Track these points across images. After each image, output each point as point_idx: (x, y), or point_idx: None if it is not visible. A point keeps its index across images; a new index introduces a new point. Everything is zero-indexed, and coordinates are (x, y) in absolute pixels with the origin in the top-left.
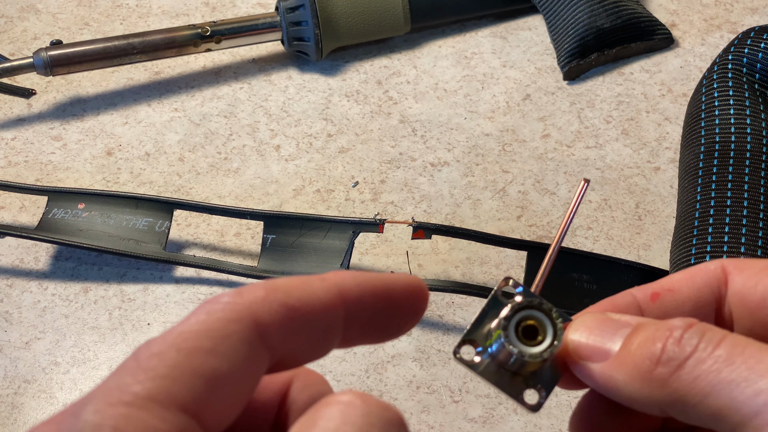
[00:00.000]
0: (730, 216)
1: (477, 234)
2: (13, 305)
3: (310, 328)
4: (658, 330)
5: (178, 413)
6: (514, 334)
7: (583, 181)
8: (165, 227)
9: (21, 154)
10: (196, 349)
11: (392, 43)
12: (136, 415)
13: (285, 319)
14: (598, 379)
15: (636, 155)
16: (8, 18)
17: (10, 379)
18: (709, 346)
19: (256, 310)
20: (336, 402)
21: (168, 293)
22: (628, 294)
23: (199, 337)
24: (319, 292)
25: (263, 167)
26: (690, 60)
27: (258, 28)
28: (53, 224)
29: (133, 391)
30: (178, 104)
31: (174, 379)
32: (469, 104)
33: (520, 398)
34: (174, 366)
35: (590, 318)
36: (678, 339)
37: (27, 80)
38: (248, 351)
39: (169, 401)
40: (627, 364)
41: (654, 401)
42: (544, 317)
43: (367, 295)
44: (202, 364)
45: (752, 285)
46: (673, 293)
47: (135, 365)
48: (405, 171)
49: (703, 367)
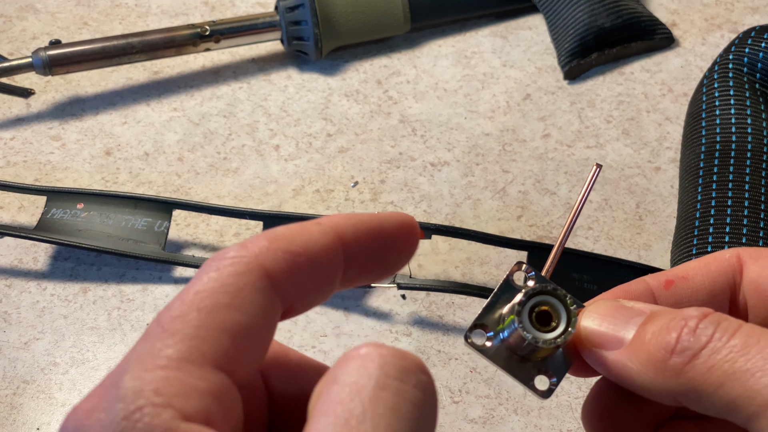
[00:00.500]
0: (731, 216)
1: (477, 234)
2: (11, 305)
3: (314, 271)
4: (672, 319)
5: (212, 370)
6: (528, 320)
7: (595, 166)
8: (164, 227)
9: (20, 154)
10: (216, 306)
11: (392, 42)
12: (175, 376)
13: (290, 265)
14: (611, 367)
15: (636, 155)
16: (7, 17)
17: (8, 380)
18: (725, 336)
19: (263, 260)
20: (354, 356)
21: (167, 293)
22: (642, 281)
23: (216, 293)
24: (318, 236)
25: (262, 167)
26: (691, 59)
27: (257, 27)
28: (52, 224)
29: (166, 354)
30: (177, 104)
31: (201, 338)
32: (469, 104)
33: (530, 384)
34: (198, 326)
35: (604, 305)
36: (693, 329)
37: (26, 80)
38: (263, 300)
39: (201, 360)
40: (641, 353)
41: (667, 391)
42: (558, 303)
43: (362, 233)
44: (224, 320)
45: (767, 275)
46: (688, 281)
47: (160, 330)
48: (405, 171)
49: (717, 357)
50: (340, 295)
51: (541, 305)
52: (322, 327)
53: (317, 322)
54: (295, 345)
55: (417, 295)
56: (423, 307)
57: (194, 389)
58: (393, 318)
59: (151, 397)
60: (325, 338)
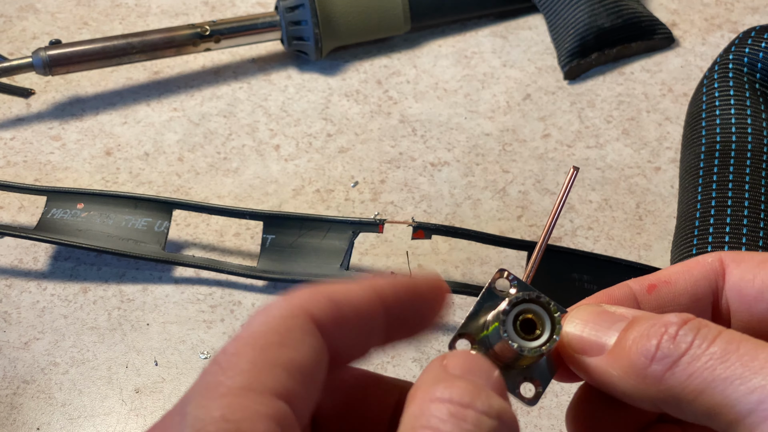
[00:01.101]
0: (731, 216)
1: (477, 234)
2: (12, 305)
3: (356, 320)
4: (653, 326)
5: (273, 398)
6: (512, 328)
7: (572, 169)
8: (164, 227)
9: (20, 154)
10: (268, 344)
11: (392, 42)
12: (239, 402)
13: (333, 311)
14: (593, 373)
15: (637, 155)
16: (7, 17)
17: (9, 380)
18: (704, 342)
19: (308, 305)
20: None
21: (167, 293)
22: (625, 285)
23: (267, 334)
24: (358, 290)
25: (263, 167)
26: (691, 59)
27: (257, 27)
28: (52, 224)
29: (228, 385)
30: (178, 104)
31: (258, 370)
32: (469, 104)
33: (516, 392)
34: (254, 361)
35: (586, 310)
36: (673, 336)
37: (26, 80)
38: (311, 340)
39: (261, 388)
40: (622, 359)
41: (648, 398)
42: (542, 311)
43: (399, 291)
44: (278, 356)
45: (750, 278)
46: (670, 285)
47: (218, 367)
48: (405, 171)
49: (697, 364)
50: None
51: (525, 313)
52: None
53: None
54: None
55: None
56: None
57: (258, 414)
58: None
59: (219, 423)
60: None
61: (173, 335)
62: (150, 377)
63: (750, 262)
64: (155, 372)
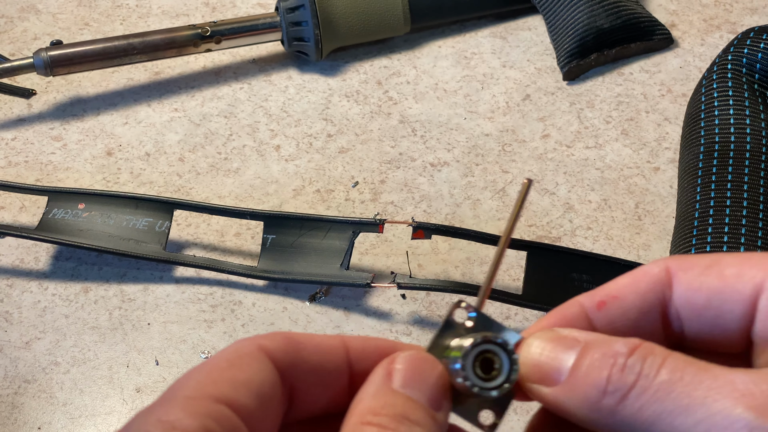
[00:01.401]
0: (730, 216)
1: (477, 234)
2: (13, 305)
3: (316, 361)
4: (603, 356)
5: (211, 401)
6: (471, 368)
7: (525, 181)
8: (165, 227)
9: (21, 154)
10: (217, 368)
11: (392, 43)
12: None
13: (289, 348)
14: (550, 403)
15: (636, 155)
16: (8, 18)
17: (10, 379)
18: (651, 371)
19: (262, 341)
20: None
21: (168, 293)
22: (576, 303)
23: (218, 360)
24: (323, 337)
25: (263, 167)
26: (689, 60)
27: (258, 28)
28: (53, 224)
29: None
30: (178, 104)
31: (203, 385)
32: (468, 104)
33: (475, 420)
34: (200, 379)
35: (540, 338)
36: (621, 367)
37: (27, 80)
38: (258, 364)
39: (201, 396)
40: (576, 392)
41: (606, 426)
42: (500, 351)
43: (369, 350)
44: (223, 375)
45: (696, 287)
46: (618, 300)
47: (169, 388)
48: (405, 171)
49: (646, 396)
50: (341, 294)
51: (484, 353)
52: (322, 327)
53: (318, 321)
54: None
55: (417, 295)
56: (423, 307)
57: (195, 413)
58: (393, 317)
59: (156, 423)
60: None
61: (174, 335)
62: (151, 377)
63: (696, 268)
64: (156, 371)
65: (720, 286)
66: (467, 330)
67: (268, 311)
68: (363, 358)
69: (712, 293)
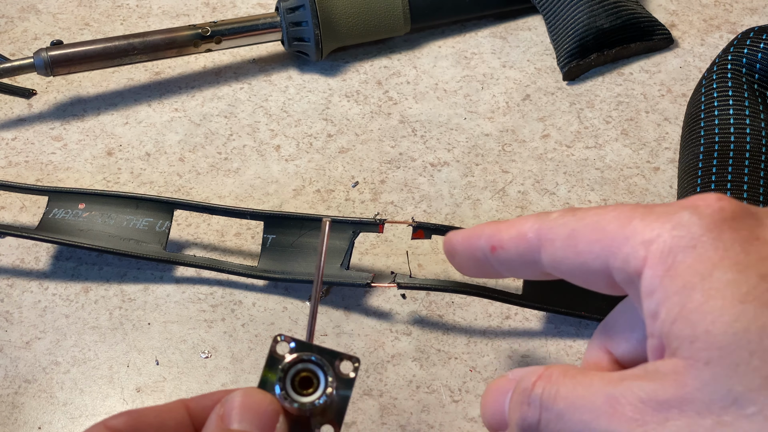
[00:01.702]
0: None
1: None
2: (13, 305)
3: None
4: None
5: None
6: (290, 388)
7: (324, 221)
8: (165, 227)
9: (21, 154)
10: None
11: (392, 43)
12: None
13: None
14: None
15: (635, 155)
16: (8, 18)
17: (10, 379)
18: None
19: (106, 422)
20: None
21: (168, 293)
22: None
23: None
24: (166, 404)
25: (263, 167)
26: (689, 60)
27: (258, 28)
28: (54, 224)
29: None
30: (179, 104)
31: None
32: (468, 104)
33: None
34: None
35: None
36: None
37: (27, 80)
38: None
39: None
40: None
41: None
42: (316, 368)
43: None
44: None
45: (559, 260)
46: (505, 251)
47: None
48: (405, 171)
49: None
50: (341, 294)
51: (301, 372)
52: (322, 326)
53: (318, 321)
54: None
55: (417, 295)
56: (423, 307)
57: None
58: (393, 317)
59: None
60: (326, 337)
61: (174, 334)
62: (151, 376)
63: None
64: (156, 371)
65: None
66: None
67: (268, 311)
68: (202, 411)
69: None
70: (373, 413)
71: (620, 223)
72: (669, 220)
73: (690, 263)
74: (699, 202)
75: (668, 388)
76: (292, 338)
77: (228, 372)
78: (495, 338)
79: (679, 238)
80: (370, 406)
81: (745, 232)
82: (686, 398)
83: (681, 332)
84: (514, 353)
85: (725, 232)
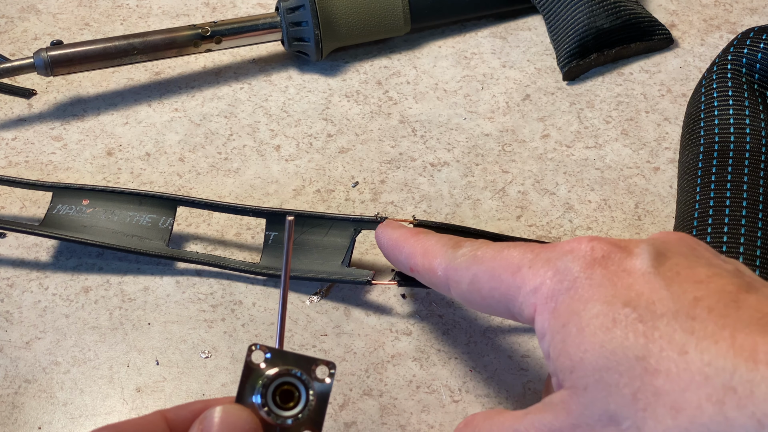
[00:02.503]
0: (729, 216)
1: (477, 232)
2: (13, 305)
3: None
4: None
5: None
6: (271, 402)
7: (290, 218)
8: (168, 224)
9: (21, 155)
10: None
11: (392, 43)
12: None
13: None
14: None
15: (635, 155)
16: (8, 18)
17: (10, 379)
18: None
19: None
20: None
21: (168, 293)
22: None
23: None
24: (140, 417)
25: (263, 167)
26: (689, 60)
27: (258, 28)
28: (58, 220)
29: None
30: (179, 104)
31: None
32: (468, 104)
33: None
34: None
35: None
36: None
37: (27, 80)
38: None
39: None
40: None
41: None
42: (297, 381)
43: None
44: None
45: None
46: (420, 276)
47: None
48: (405, 171)
49: None
50: (341, 294)
51: (282, 385)
52: (322, 326)
53: (317, 321)
54: (295, 344)
55: (417, 295)
56: (423, 307)
57: None
58: (393, 317)
59: None
60: (326, 337)
61: (174, 334)
62: (151, 376)
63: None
64: (156, 371)
65: (485, 306)
66: (268, 369)
67: (268, 311)
68: (182, 423)
69: (482, 308)
70: (373, 413)
71: (511, 271)
72: (552, 266)
73: (568, 303)
74: (575, 245)
75: (559, 416)
76: (267, 347)
77: (228, 372)
78: (495, 338)
79: (560, 282)
80: (370, 406)
81: (614, 267)
82: (574, 423)
83: (563, 365)
84: (514, 353)
85: (596, 270)
